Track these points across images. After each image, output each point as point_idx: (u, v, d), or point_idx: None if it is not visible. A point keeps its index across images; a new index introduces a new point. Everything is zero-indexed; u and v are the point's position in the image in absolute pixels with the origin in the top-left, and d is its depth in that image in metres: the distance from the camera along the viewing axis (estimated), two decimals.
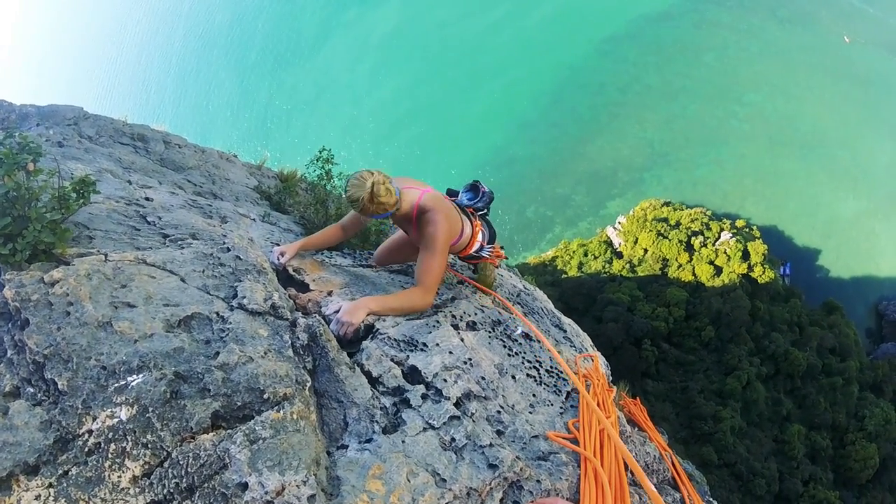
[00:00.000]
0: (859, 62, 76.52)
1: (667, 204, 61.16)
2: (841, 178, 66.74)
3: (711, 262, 53.43)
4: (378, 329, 2.98)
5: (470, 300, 3.78)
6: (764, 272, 53.08)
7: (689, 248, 54.98)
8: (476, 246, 4.09)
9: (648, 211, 59.63)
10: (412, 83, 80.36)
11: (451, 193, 4.34)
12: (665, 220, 58.00)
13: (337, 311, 2.97)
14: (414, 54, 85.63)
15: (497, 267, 4.50)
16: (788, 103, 73.07)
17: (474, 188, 4.32)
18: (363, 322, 2.99)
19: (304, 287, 3.37)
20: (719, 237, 55.47)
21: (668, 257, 54.97)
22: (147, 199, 3.99)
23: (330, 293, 3.31)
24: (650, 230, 56.22)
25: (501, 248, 4.51)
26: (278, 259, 3.45)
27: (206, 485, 1.76)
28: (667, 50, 79.67)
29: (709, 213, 59.80)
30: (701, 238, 55.21)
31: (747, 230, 57.20)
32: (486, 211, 4.39)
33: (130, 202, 3.73)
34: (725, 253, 53.37)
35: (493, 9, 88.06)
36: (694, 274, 53.29)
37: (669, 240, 55.21)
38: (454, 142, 72.34)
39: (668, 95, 75.07)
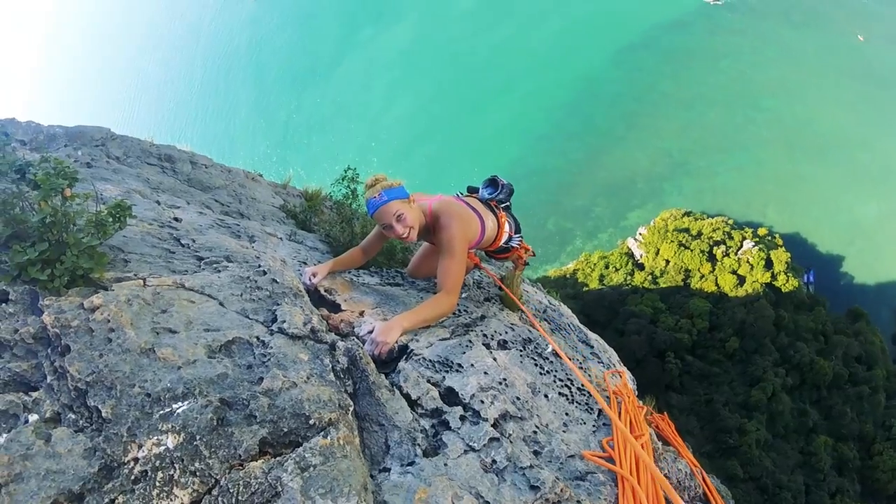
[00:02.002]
0: (875, 61, 76.12)
1: (688, 213, 60.92)
2: (862, 181, 66.14)
3: (734, 272, 53.09)
4: (412, 350, 2.97)
5: (500, 318, 3.77)
6: (787, 280, 52.63)
7: (712, 257, 54.67)
8: (505, 237, 4.13)
9: (669, 221, 59.44)
10: (427, 100, 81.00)
11: (472, 190, 4.39)
12: (686, 230, 57.78)
13: (371, 332, 2.96)
14: (428, 71, 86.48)
15: (526, 264, 4.59)
16: (806, 106, 72.89)
17: (493, 182, 4.36)
18: (397, 342, 2.98)
19: (335, 307, 3.36)
20: (741, 246, 55.12)
21: (690, 268, 54.69)
22: (176, 219, 4.02)
23: (362, 313, 3.30)
24: (671, 241, 56.01)
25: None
26: (310, 279, 3.46)
27: None
28: (682, 58, 79.97)
29: (730, 221, 59.44)
30: (723, 247, 54.92)
31: (770, 238, 56.76)
32: (508, 203, 4.45)
33: (164, 224, 3.76)
34: (748, 262, 53.03)
35: (504, 24, 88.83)
36: (717, 284, 52.98)
37: (691, 250, 54.94)
38: (471, 156, 72.50)
39: (685, 103, 75.15)
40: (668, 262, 55.84)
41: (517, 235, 4.33)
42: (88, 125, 6.48)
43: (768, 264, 53.09)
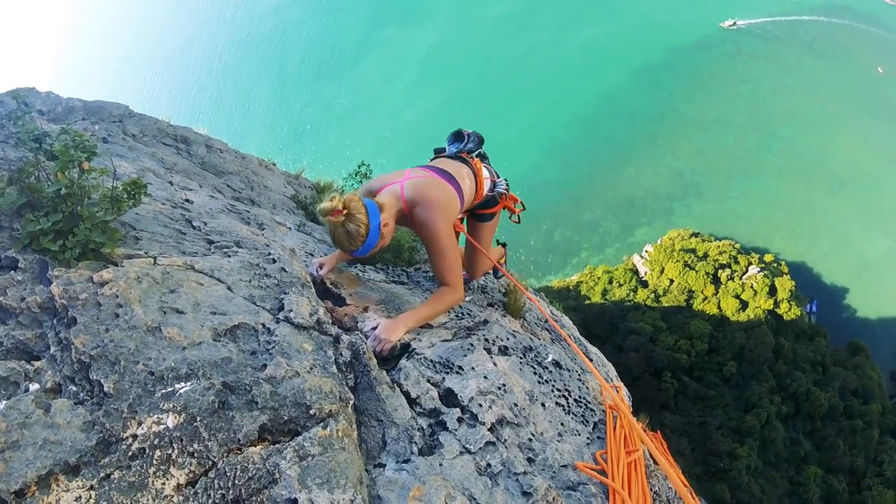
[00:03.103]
0: (893, 96, 75.65)
1: (695, 235, 60.86)
2: (872, 217, 65.95)
3: (737, 296, 52.96)
4: (414, 349, 2.97)
5: (502, 324, 3.76)
6: (790, 309, 52.56)
7: (716, 280, 54.59)
8: (487, 184, 3.80)
9: (676, 241, 59.37)
10: (447, 102, 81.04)
11: (438, 151, 4.10)
12: (693, 250, 57.67)
13: (374, 328, 2.94)
14: (450, 74, 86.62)
15: (511, 218, 4.13)
16: (822, 138, 72.70)
17: (458, 135, 4.04)
18: (400, 340, 2.97)
19: (340, 301, 3.35)
20: (747, 271, 55.01)
21: (693, 289, 54.60)
22: (188, 201, 4.03)
23: (366, 309, 3.30)
24: (677, 260, 55.95)
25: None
26: (317, 271, 3.43)
27: (253, 498, 1.76)
28: (702, 80, 79.97)
29: (737, 246, 59.36)
30: (728, 271, 54.80)
31: (775, 265, 56.69)
32: (481, 151, 4.08)
33: (176, 205, 3.76)
34: (752, 287, 52.90)
35: (530, 34, 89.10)
36: (719, 307, 52.86)
37: (696, 271, 54.87)
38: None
39: (702, 125, 75.14)
40: (672, 281, 55.79)
41: (501, 179, 3.98)
42: (107, 101, 6.44)
43: (772, 291, 53.00)
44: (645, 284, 57.64)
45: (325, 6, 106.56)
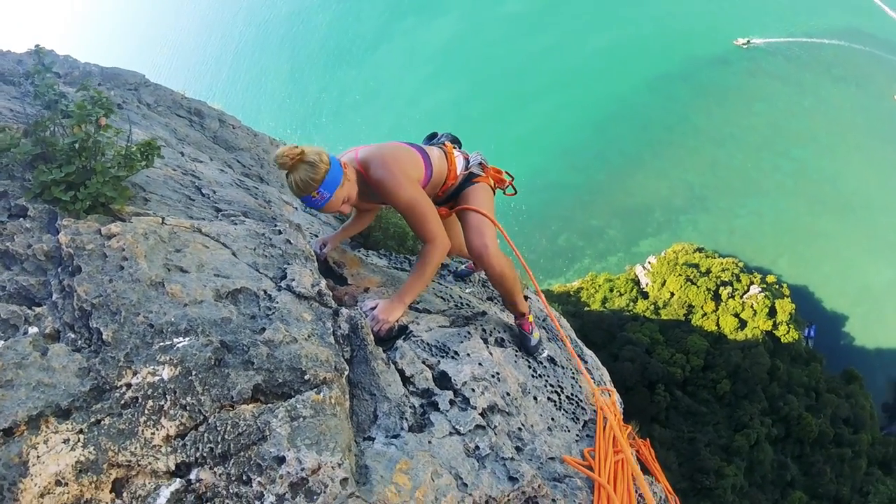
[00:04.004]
0: None
1: (699, 250, 60.72)
2: (879, 245, 65.67)
3: (737, 315, 52.90)
4: (412, 331, 3.01)
5: (499, 317, 3.80)
6: (788, 332, 52.47)
7: (717, 297, 54.49)
8: (460, 161, 3.54)
9: (680, 254, 59.28)
10: (460, 96, 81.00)
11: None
12: (696, 265, 57.57)
13: (373, 308, 2.91)
14: (464, 69, 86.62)
15: (505, 192, 3.87)
16: (834, 162, 72.53)
17: (431, 136, 3.87)
18: (398, 321, 2.97)
19: (341, 280, 3.40)
20: (748, 290, 54.91)
21: (693, 304, 54.48)
22: (196, 171, 4.08)
23: (367, 290, 3.34)
24: (679, 274, 55.82)
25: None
26: (320, 249, 3.45)
27: (242, 453, 1.79)
28: (718, 94, 79.74)
29: (741, 264, 59.22)
30: (729, 289, 54.70)
31: (777, 287, 56.61)
32: (452, 136, 3.86)
33: (186, 172, 3.82)
34: (752, 307, 52.82)
35: (546, 34, 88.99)
36: (717, 324, 52.81)
37: (698, 286, 54.77)
38: (494, 159, 71.16)
39: (715, 140, 75.00)
40: (672, 294, 55.63)
41: (475, 154, 3.71)
42: (124, 69, 6.51)
43: (772, 312, 52.87)
44: (645, 296, 57.47)
45: None
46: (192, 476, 1.73)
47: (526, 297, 3.67)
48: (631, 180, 71.88)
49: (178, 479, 1.72)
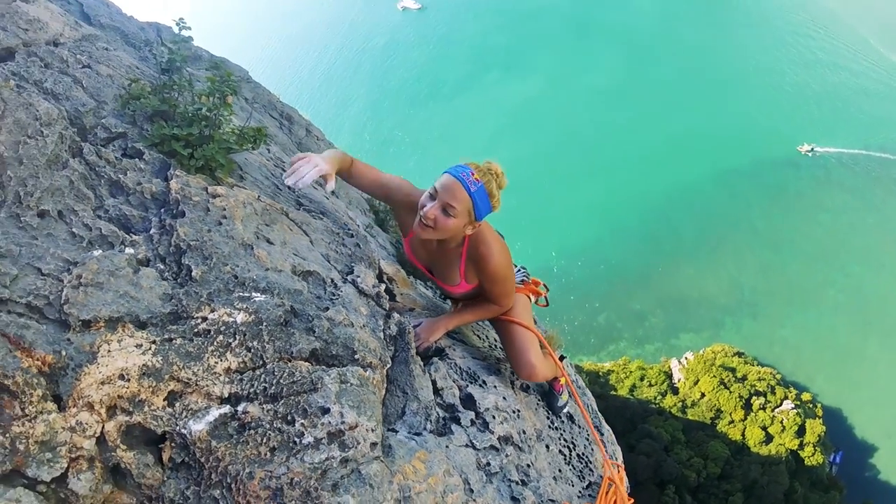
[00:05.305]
0: None
1: (739, 354, 59.19)
2: None
3: (764, 428, 51.16)
4: (447, 354, 3.19)
5: None
6: (814, 454, 50.57)
7: (748, 406, 52.81)
8: (518, 275, 3.66)
9: (719, 355, 57.83)
10: (528, 155, 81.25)
11: None
12: (733, 370, 56.12)
13: (417, 326, 3.09)
14: (539, 129, 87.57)
15: (537, 303, 3.85)
16: (890, 284, 70.52)
17: None
18: (437, 342, 3.17)
19: (391, 295, 3.47)
20: (780, 404, 53.16)
21: (723, 409, 52.93)
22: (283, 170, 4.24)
23: (412, 310, 3.50)
24: (714, 375, 54.43)
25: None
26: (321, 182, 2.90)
27: (292, 398, 1.94)
28: (784, 198, 78.92)
29: (778, 376, 57.48)
30: (762, 399, 53.03)
31: (811, 406, 54.79)
32: None
33: (277, 164, 4.12)
34: (782, 423, 51.08)
35: (626, 110, 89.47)
36: (743, 434, 51.23)
37: (730, 392, 53.25)
38: (547, 225, 73.30)
39: (773, 244, 74.00)
40: (703, 395, 54.23)
41: (521, 268, 3.80)
42: (231, 61, 6.65)
43: (800, 432, 50.99)
44: (675, 391, 56.35)
45: (440, 36, 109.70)
46: (240, 408, 1.88)
47: (562, 357, 3.79)
48: (681, 271, 71.48)
49: (228, 406, 1.88)
